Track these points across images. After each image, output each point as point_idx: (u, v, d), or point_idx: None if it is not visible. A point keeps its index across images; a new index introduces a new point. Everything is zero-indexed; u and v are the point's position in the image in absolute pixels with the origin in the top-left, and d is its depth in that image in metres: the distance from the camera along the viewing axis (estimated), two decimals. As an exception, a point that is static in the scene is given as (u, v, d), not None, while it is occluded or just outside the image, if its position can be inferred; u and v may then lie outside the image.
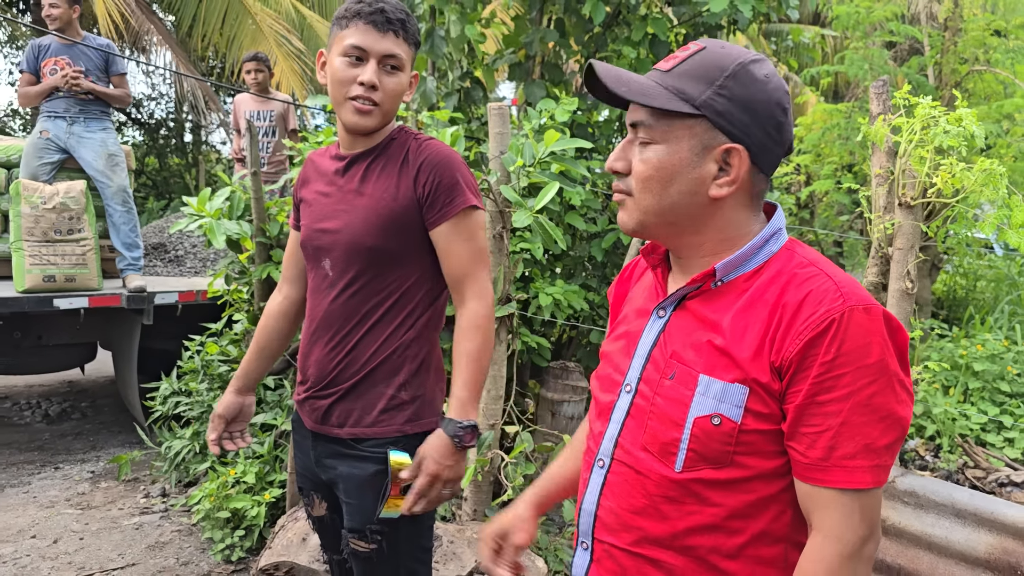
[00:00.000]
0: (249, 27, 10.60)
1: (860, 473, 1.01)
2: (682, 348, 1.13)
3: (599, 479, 1.19)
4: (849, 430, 1.00)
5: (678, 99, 1.09)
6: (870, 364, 1.00)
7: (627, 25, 4.25)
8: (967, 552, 1.97)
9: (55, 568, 3.51)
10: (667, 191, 1.11)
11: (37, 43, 5.06)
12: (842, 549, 1.02)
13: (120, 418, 5.89)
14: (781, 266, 1.11)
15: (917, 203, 2.13)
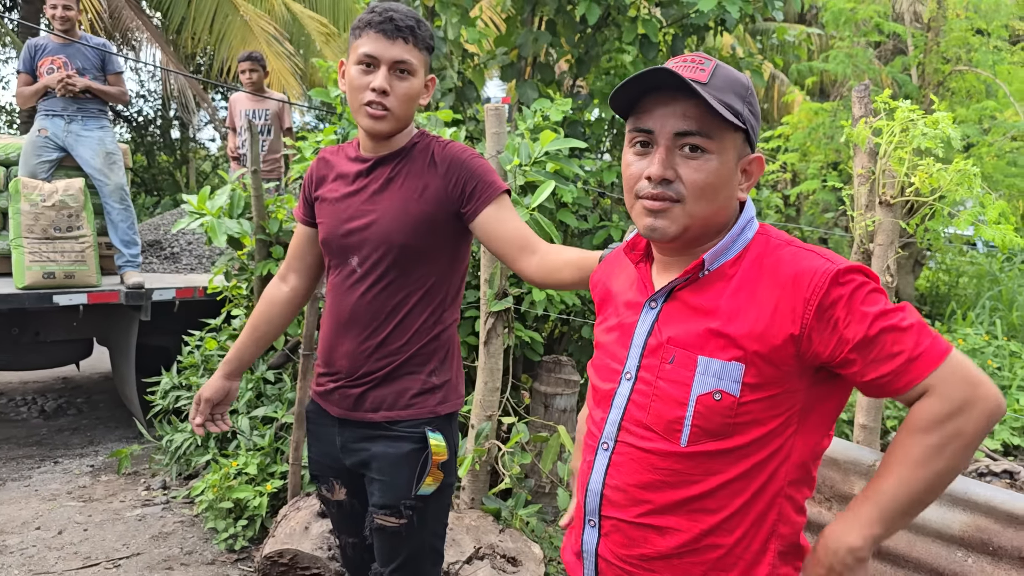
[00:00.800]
0: (238, 26, 10.64)
1: (937, 348, 1.14)
2: (678, 334, 1.24)
3: (604, 460, 1.29)
4: (898, 332, 1.14)
5: (732, 113, 1.19)
6: (871, 290, 1.16)
7: (617, 27, 4.35)
8: (942, 530, 2.09)
9: (62, 558, 3.58)
10: (718, 197, 1.22)
11: (34, 43, 5.11)
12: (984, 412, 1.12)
13: (116, 413, 5.95)
14: (760, 249, 1.24)
15: (896, 202, 2.25)
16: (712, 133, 1.19)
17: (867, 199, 2.31)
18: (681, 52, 4.52)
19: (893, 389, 1.16)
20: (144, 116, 16.59)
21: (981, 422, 1.11)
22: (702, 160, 1.20)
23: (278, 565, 3.23)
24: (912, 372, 1.13)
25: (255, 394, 4.26)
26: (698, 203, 1.21)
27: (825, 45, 11.99)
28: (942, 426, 1.12)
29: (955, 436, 1.11)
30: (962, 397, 1.12)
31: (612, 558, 1.29)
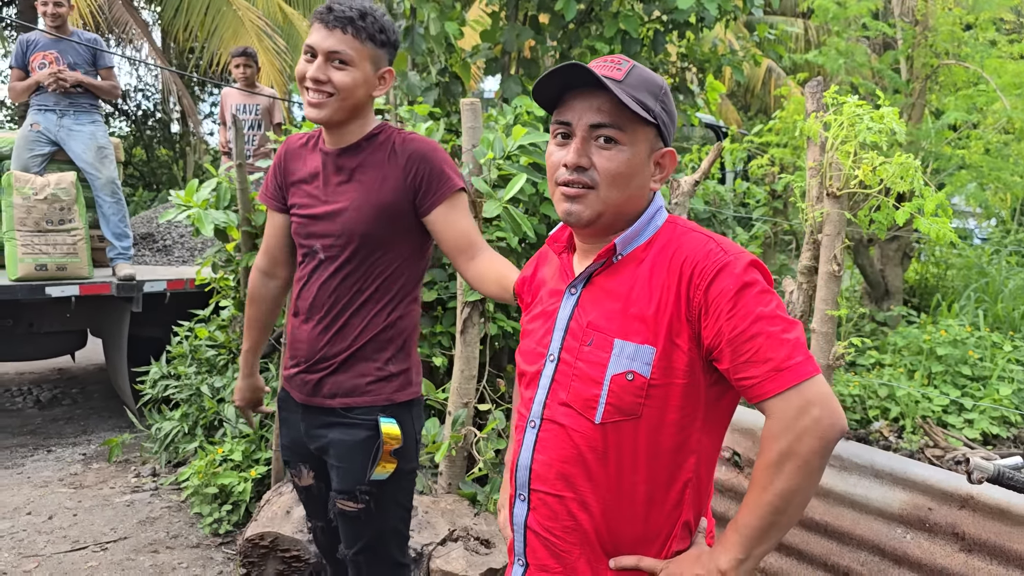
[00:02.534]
0: (230, 19, 10.70)
1: (803, 366, 1.19)
2: (596, 318, 1.33)
3: (532, 437, 1.39)
4: (774, 341, 1.20)
5: (643, 109, 1.28)
6: (761, 290, 1.23)
7: (599, 22, 4.42)
8: (883, 508, 2.18)
9: (51, 542, 3.68)
10: (629, 186, 1.31)
11: (25, 38, 5.19)
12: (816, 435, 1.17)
13: (109, 404, 6.04)
14: (669, 236, 1.33)
15: (843, 193, 2.33)
16: (624, 126, 1.28)
17: (817, 191, 2.40)
18: (663, 47, 4.59)
19: (753, 395, 1.22)
20: (143, 110, 16.67)
21: (813, 444, 1.16)
22: (615, 151, 1.29)
23: (259, 548, 3.32)
24: (771, 383, 1.19)
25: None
26: (610, 190, 1.30)
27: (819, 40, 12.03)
28: (775, 445, 1.19)
29: (787, 456, 1.17)
30: (794, 417, 1.17)
31: (539, 529, 1.37)
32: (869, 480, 2.20)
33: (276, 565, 3.33)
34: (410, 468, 2.13)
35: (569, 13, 4.02)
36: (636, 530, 1.32)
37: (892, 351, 5.59)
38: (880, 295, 6.32)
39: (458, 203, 1.99)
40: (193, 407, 4.45)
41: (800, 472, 1.17)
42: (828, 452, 1.19)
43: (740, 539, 1.23)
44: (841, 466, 2.28)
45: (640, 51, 4.52)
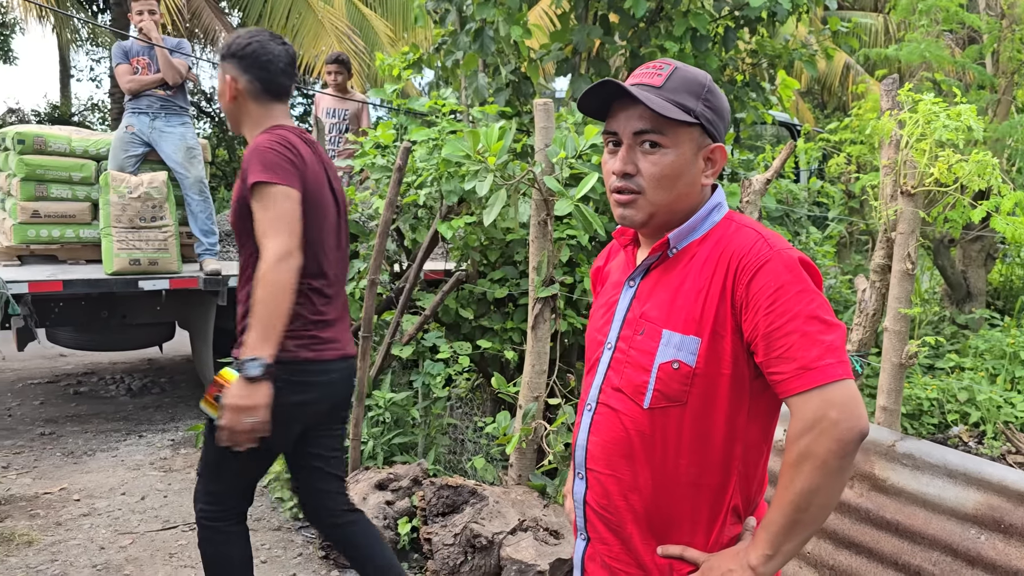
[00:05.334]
0: (311, 23, 11.01)
1: (831, 369, 1.22)
2: (649, 309, 1.41)
3: (588, 420, 1.47)
4: (807, 340, 1.23)
5: (681, 111, 1.34)
6: (801, 289, 1.26)
7: (669, 20, 4.44)
8: (957, 508, 2.16)
9: (143, 520, 3.90)
10: (676, 186, 1.37)
11: (121, 45, 5.49)
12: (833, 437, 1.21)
13: (195, 393, 6.32)
14: (723, 232, 1.39)
15: (918, 191, 2.31)
16: (665, 130, 1.34)
17: (891, 189, 2.38)
18: (733, 44, 4.57)
19: (779, 390, 1.27)
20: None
21: (830, 445, 1.20)
22: (659, 155, 1.35)
23: (337, 531, 3.46)
24: (797, 381, 1.23)
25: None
26: (657, 192, 1.37)
27: (898, 35, 11.71)
28: (795, 444, 1.24)
29: (805, 456, 1.22)
30: (812, 417, 1.21)
31: (596, 506, 1.46)
32: (942, 480, 2.19)
33: (353, 549, 3.46)
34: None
35: (639, 12, 4.05)
36: (683, 512, 1.38)
37: (973, 354, 5.44)
38: (961, 297, 6.15)
39: (259, 197, 2.21)
40: (274, 397, 4.63)
41: (818, 472, 1.21)
42: (846, 454, 1.21)
43: (767, 536, 1.27)
44: (913, 465, 2.27)
45: (710, 48, 4.51)
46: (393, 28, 12.14)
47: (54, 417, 5.62)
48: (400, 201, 4.14)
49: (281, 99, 2.48)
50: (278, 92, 2.44)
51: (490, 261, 4.27)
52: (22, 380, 6.63)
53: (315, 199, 2.37)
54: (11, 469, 4.57)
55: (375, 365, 4.07)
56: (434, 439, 4.09)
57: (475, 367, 4.34)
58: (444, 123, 4.09)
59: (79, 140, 5.60)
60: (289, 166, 2.27)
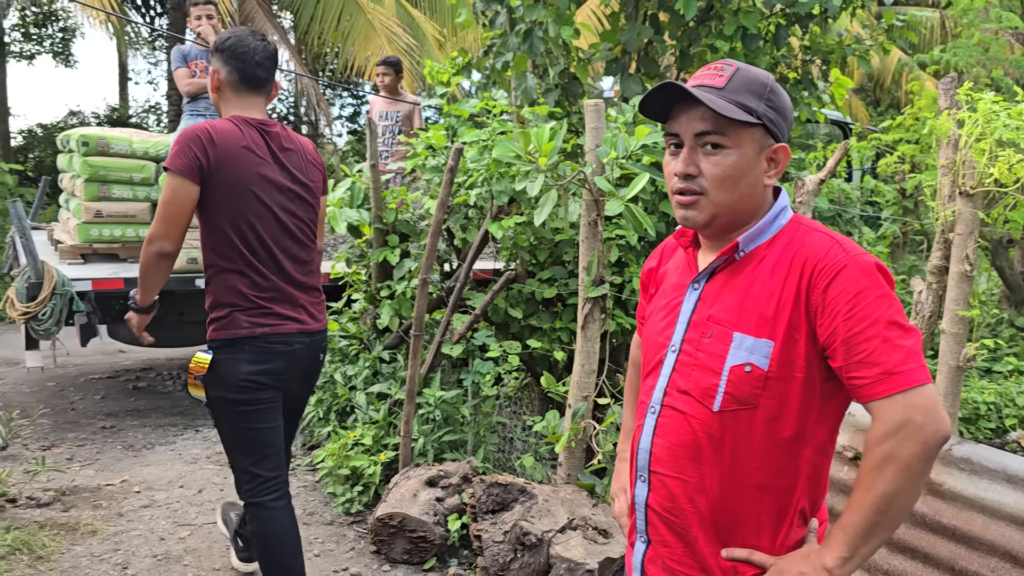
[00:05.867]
0: (362, 24, 11.15)
1: (914, 373, 1.23)
2: (717, 312, 1.41)
3: (651, 423, 1.47)
4: (888, 345, 1.24)
5: (743, 111, 1.34)
6: (881, 294, 1.27)
7: (719, 19, 4.41)
8: (1017, 514, 2.13)
9: (201, 513, 4.01)
10: (739, 187, 1.37)
11: (180, 49, 5.64)
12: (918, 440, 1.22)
13: (249, 389, 6.46)
14: (791, 235, 1.38)
15: (976, 192, 2.27)
16: (727, 131, 1.34)
17: (949, 190, 2.35)
18: (784, 42, 4.53)
19: (861, 395, 1.27)
20: (278, 113, 17.56)
21: (915, 448, 1.21)
22: (720, 155, 1.36)
23: (388, 527, 3.53)
24: (880, 386, 1.24)
25: (371, 372, 4.59)
26: (719, 193, 1.37)
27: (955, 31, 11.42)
28: (878, 448, 1.24)
29: (889, 459, 1.23)
30: (898, 421, 1.22)
31: (659, 509, 1.46)
32: (1001, 485, 2.16)
33: (404, 544, 3.52)
34: (217, 396, 2.64)
35: (689, 11, 4.03)
36: (750, 515, 1.38)
37: (1033, 357, 5.31)
38: (1020, 299, 6.00)
39: (164, 181, 2.56)
40: (327, 394, 4.73)
41: (901, 475, 1.22)
42: (930, 458, 1.22)
43: (845, 538, 1.27)
44: (971, 470, 2.24)
45: (761, 46, 4.47)
46: (441, 30, 12.23)
47: (115, 411, 5.79)
48: (451, 201, 4.19)
49: (257, 90, 2.69)
50: (254, 82, 2.66)
51: (540, 261, 4.30)
52: (84, 375, 6.85)
53: (235, 188, 2.55)
54: (75, 461, 4.73)
55: (426, 363, 4.13)
56: (483, 437, 4.13)
57: (524, 366, 4.37)
58: (495, 124, 4.13)
59: (139, 142, 5.76)
60: (191, 156, 2.46)
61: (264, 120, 2.69)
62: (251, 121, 2.64)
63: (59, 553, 3.51)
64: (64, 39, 16.41)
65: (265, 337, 2.62)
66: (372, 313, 4.72)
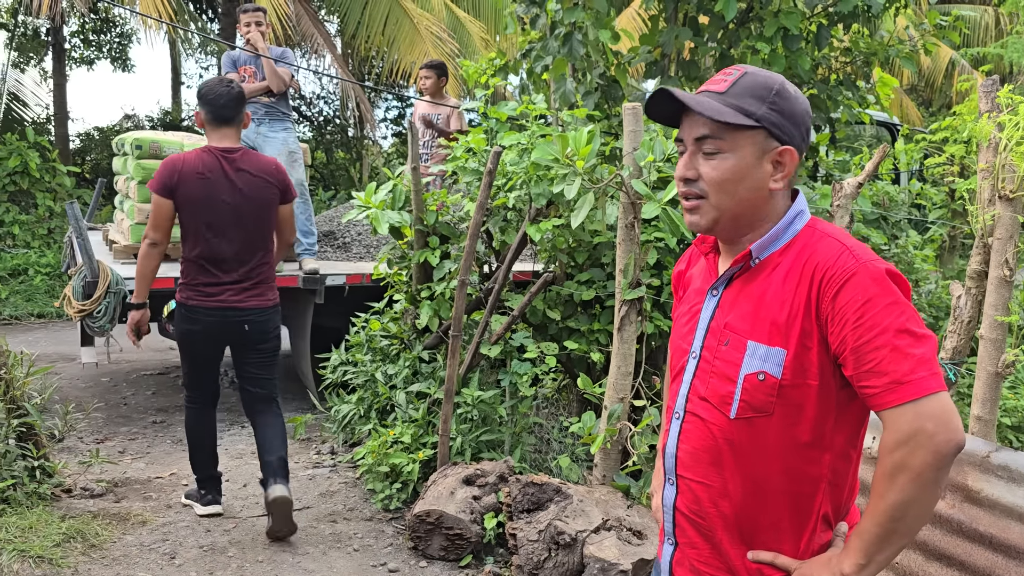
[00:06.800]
0: (407, 29, 11.27)
1: (924, 382, 1.23)
2: (733, 319, 1.42)
3: (676, 427, 1.49)
4: (898, 354, 1.24)
5: (741, 115, 1.35)
6: (891, 302, 1.26)
7: (760, 20, 4.39)
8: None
9: (245, 507, 4.12)
10: (738, 190, 1.38)
11: (230, 55, 5.79)
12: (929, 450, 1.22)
13: (292, 387, 6.59)
14: (805, 241, 1.38)
15: (1016, 196, 2.25)
16: (723, 135, 1.36)
17: (989, 193, 2.32)
18: (826, 42, 4.49)
19: (872, 404, 1.28)
20: (324, 116, 17.84)
21: (926, 457, 1.22)
22: (719, 159, 1.37)
23: (426, 524, 3.59)
24: (890, 395, 1.24)
25: (411, 371, 4.66)
26: (719, 196, 1.38)
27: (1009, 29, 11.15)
28: (889, 456, 1.25)
29: (900, 468, 1.23)
30: (909, 431, 1.22)
31: (686, 511, 1.48)
32: (1038, 492, 2.13)
33: (441, 541, 3.58)
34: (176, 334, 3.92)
35: (729, 13, 4.03)
36: (772, 519, 1.40)
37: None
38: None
39: None
40: (368, 392, 4.82)
41: (913, 484, 1.23)
42: (942, 466, 1.22)
43: (861, 544, 1.29)
44: (1009, 477, 2.22)
45: (803, 47, 4.44)
46: (487, 31, 12.30)
47: (164, 407, 5.97)
48: (490, 204, 4.24)
49: (226, 124, 3.63)
50: (222, 120, 3.62)
51: (577, 263, 4.33)
52: (136, 371, 7.06)
53: (194, 202, 3.54)
54: (127, 454, 4.89)
55: (464, 363, 4.19)
56: (520, 437, 4.17)
57: (561, 367, 4.40)
58: (534, 127, 4.17)
59: (191, 145, 5.91)
60: (164, 179, 3.52)
61: (229, 147, 3.62)
62: (215, 150, 3.60)
63: (111, 542, 3.64)
64: (121, 44, 16.88)
65: (194, 307, 3.64)
66: (412, 313, 4.80)
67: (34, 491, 3.92)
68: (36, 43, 15.15)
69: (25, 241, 10.78)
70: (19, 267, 10.38)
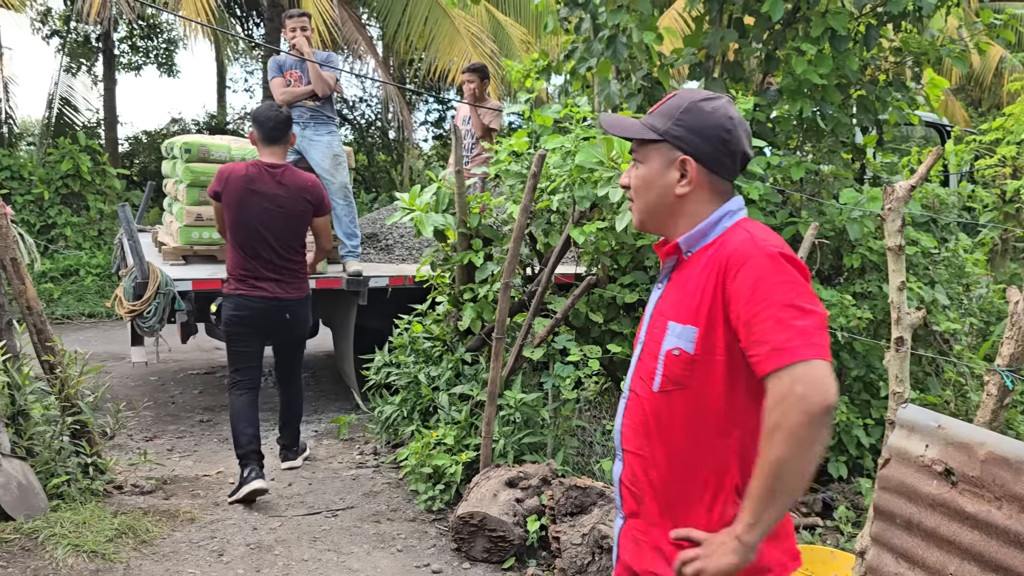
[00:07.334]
0: (446, 30, 11.32)
1: (800, 350, 1.36)
2: (664, 306, 1.63)
3: (622, 405, 1.70)
4: (780, 325, 1.38)
5: (648, 131, 1.61)
6: (781, 280, 1.42)
7: (806, 21, 4.34)
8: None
9: (290, 505, 4.18)
10: (649, 194, 1.64)
11: (276, 59, 5.88)
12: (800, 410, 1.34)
13: (336, 388, 6.68)
14: (728, 237, 1.55)
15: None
16: (639, 149, 1.65)
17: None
18: (875, 43, 4.42)
19: (756, 372, 1.42)
20: (366, 119, 18.01)
21: (799, 417, 1.33)
22: (638, 169, 1.65)
23: (469, 525, 3.61)
24: (768, 362, 1.38)
25: (454, 373, 4.69)
26: (638, 200, 1.66)
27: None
28: (768, 418, 1.38)
29: (776, 428, 1.36)
30: (783, 393, 1.35)
31: (628, 483, 1.66)
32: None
33: (484, 543, 3.60)
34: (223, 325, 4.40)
35: (776, 13, 3.98)
36: (690, 489, 1.55)
37: None
38: None
39: None
40: (411, 393, 4.86)
41: (788, 443, 1.34)
42: (815, 426, 1.34)
43: (750, 504, 1.40)
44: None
45: (851, 48, 4.37)
46: (528, 33, 12.32)
47: (211, 406, 6.07)
48: (534, 206, 4.24)
49: (275, 143, 4.24)
50: (271, 140, 4.24)
51: (621, 266, 4.32)
52: (184, 371, 7.20)
53: (236, 205, 4.13)
54: (175, 452, 4.99)
55: (507, 366, 4.20)
56: (563, 440, 4.17)
57: (604, 370, 4.39)
58: (578, 130, 4.17)
59: (238, 149, 6.03)
60: (214, 184, 4.19)
61: (274, 163, 4.22)
62: (262, 164, 4.21)
63: (160, 538, 3.72)
64: (168, 50, 17.22)
65: (240, 296, 4.19)
66: (455, 315, 4.82)
67: (87, 487, 4.01)
68: (87, 49, 15.52)
69: (77, 242, 11.04)
70: (71, 268, 10.65)
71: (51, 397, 4.09)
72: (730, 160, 1.59)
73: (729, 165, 1.59)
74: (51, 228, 10.95)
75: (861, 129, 4.92)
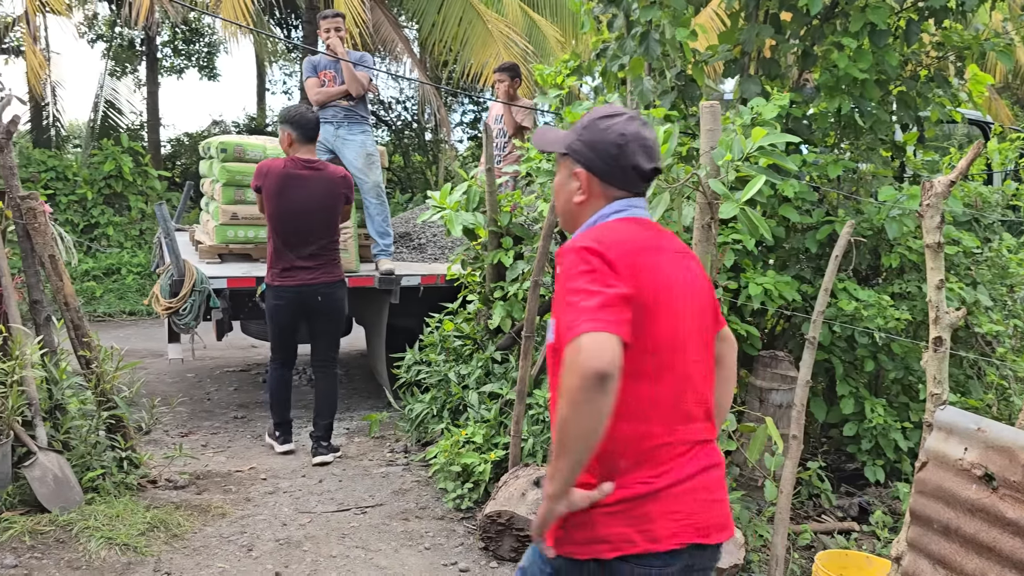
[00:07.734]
0: (480, 31, 11.31)
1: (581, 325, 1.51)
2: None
3: None
4: (569, 308, 1.57)
5: (558, 144, 1.84)
6: (578, 271, 1.61)
7: (845, 16, 4.24)
8: None
9: (321, 502, 4.20)
10: (559, 200, 1.88)
11: (311, 59, 5.93)
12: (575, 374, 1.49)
13: (368, 385, 6.70)
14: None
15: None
16: (558, 159, 1.88)
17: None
18: (916, 38, 4.31)
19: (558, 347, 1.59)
20: (402, 120, 18.11)
21: (574, 380, 1.48)
22: (556, 177, 1.90)
23: (496, 524, 3.59)
24: (564, 339, 1.55)
25: (484, 372, 4.68)
26: (555, 204, 1.96)
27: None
28: (559, 383, 1.55)
29: (562, 391, 1.52)
30: (567, 361, 1.52)
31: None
32: None
33: (512, 542, 3.57)
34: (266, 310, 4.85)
35: (814, 8, 3.89)
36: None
37: None
38: None
39: None
40: (441, 392, 4.86)
41: (567, 403, 1.50)
42: (588, 388, 1.46)
43: (550, 460, 1.59)
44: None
45: (891, 43, 4.26)
46: (562, 33, 12.27)
47: (245, 403, 6.14)
48: (564, 205, 4.21)
49: (310, 142, 4.68)
50: (307, 139, 4.66)
51: (651, 264, 4.25)
52: (219, 368, 7.29)
53: (275, 195, 4.54)
54: (209, 448, 5.05)
55: (536, 365, 4.17)
56: (592, 440, 4.13)
57: (635, 370, 4.33)
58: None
59: (273, 148, 6.08)
60: (255, 177, 4.63)
61: (309, 159, 4.65)
62: (299, 159, 4.62)
63: (192, 532, 3.76)
64: (209, 54, 17.49)
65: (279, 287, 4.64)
66: (485, 314, 4.81)
67: (121, 481, 4.07)
68: (131, 53, 15.82)
69: (119, 242, 11.26)
70: (112, 266, 10.87)
71: (88, 392, 4.15)
72: (621, 173, 1.76)
73: (621, 177, 1.77)
74: (94, 228, 11.18)
75: (901, 126, 4.81)
